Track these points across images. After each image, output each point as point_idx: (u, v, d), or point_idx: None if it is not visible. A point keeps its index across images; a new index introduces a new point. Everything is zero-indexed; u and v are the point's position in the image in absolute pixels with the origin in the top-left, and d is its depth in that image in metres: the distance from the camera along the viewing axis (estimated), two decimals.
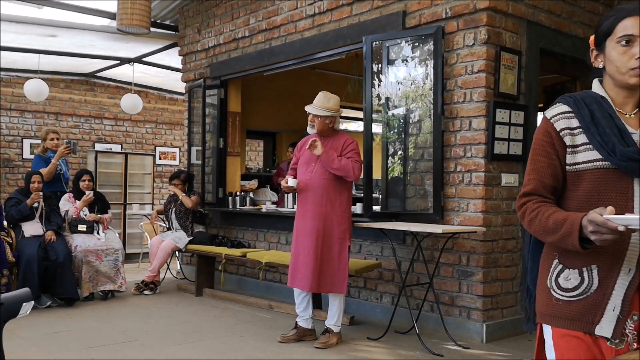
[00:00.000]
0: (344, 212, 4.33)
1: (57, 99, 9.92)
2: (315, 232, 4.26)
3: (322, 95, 4.40)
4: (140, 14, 6.22)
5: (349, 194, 4.40)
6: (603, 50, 1.67)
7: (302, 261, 4.31)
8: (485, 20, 4.43)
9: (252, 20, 6.43)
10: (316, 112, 4.35)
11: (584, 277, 1.64)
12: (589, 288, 1.63)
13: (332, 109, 4.36)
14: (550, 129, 1.67)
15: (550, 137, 1.67)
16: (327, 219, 4.28)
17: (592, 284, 1.63)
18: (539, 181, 1.68)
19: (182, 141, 10.22)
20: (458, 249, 4.60)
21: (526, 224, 1.68)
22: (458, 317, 4.60)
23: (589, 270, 1.63)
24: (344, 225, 4.32)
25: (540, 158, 1.68)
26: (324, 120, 4.36)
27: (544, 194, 1.68)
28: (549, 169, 1.67)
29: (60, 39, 7.55)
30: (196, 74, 7.28)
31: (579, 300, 1.64)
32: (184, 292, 6.50)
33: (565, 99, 1.70)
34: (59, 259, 5.52)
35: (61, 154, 6.20)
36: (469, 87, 4.55)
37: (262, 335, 4.63)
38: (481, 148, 4.49)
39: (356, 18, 5.33)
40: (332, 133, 4.45)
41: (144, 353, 4.14)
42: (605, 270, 1.61)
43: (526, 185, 1.70)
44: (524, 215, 1.67)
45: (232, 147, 7.05)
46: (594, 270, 1.63)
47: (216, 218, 6.96)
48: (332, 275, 4.27)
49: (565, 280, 1.67)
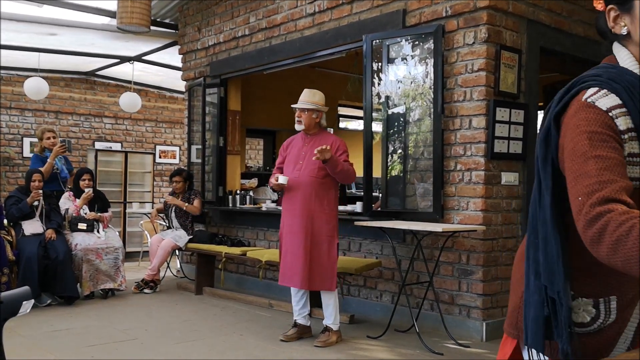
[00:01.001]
0: (331, 209, 4.35)
1: (57, 97, 9.92)
2: (305, 229, 4.29)
3: (307, 91, 4.47)
4: (140, 13, 6.22)
5: (335, 192, 4.42)
6: (629, 10, 1.31)
7: (290, 259, 4.34)
8: (486, 19, 4.43)
9: (252, 18, 6.42)
10: (302, 106, 4.41)
11: (600, 310, 1.36)
12: (605, 322, 1.36)
13: (318, 103, 4.42)
14: (611, 124, 1.25)
15: (613, 131, 1.25)
16: (315, 217, 4.31)
17: (609, 317, 1.36)
18: (619, 182, 1.18)
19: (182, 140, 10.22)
20: (458, 247, 4.60)
21: (608, 245, 1.13)
22: (458, 316, 4.60)
23: (607, 301, 1.35)
24: (332, 223, 4.33)
25: (609, 154, 1.21)
26: (310, 115, 4.41)
27: (628, 202, 1.17)
28: (623, 167, 1.22)
29: (61, 38, 7.55)
30: (196, 72, 7.28)
31: (589, 335, 1.37)
32: (184, 290, 6.50)
33: (608, 84, 1.29)
34: (59, 258, 5.52)
35: (56, 153, 6.20)
36: (469, 85, 4.55)
37: (262, 333, 4.63)
38: (481, 147, 4.49)
39: (356, 17, 5.33)
40: (319, 131, 4.49)
41: (144, 351, 4.14)
42: (627, 300, 1.36)
43: (599, 190, 1.18)
44: (604, 230, 1.14)
45: (232, 146, 7.05)
46: (612, 301, 1.35)
47: (216, 217, 6.96)
48: (321, 273, 4.30)
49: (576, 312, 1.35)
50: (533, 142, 4.98)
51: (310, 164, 4.32)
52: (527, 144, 4.76)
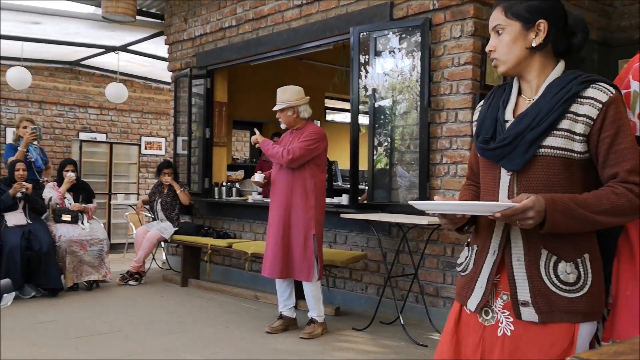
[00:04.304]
0: (309, 201, 4.35)
1: (41, 87, 9.80)
2: (282, 221, 4.35)
3: (279, 91, 4.51)
4: (125, 2, 6.15)
5: (315, 182, 4.39)
6: None
7: (270, 249, 4.40)
8: (472, 13, 4.44)
9: (239, 9, 6.38)
10: (275, 108, 4.50)
11: (468, 255, 1.76)
12: (467, 266, 1.74)
13: (289, 100, 4.44)
14: None
15: None
16: (293, 209, 4.35)
17: (470, 261, 1.74)
18: None
19: (168, 131, 10.16)
20: (443, 240, 4.63)
21: None
22: (442, 308, 4.63)
23: (471, 249, 1.75)
24: (309, 214, 4.34)
25: None
26: (286, 113, 4.46)
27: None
28: None
29: (45, 26, 7.45)
30: (182, 63, 7.23)
31: (462, 276, 1.77)
32: (169, 282, 6.48)
33: None
34: (43, 249, 5.47)
35: (27, 141, 6.13)
36: (455, 79, 4.56)
37: (247, 325, 4.64)
38: (467, 140, 4.51)
39: (344, 9, 5.31)
40: (305, 124, 4.49)
41: (128, 343, 4.13)
42: (480, 250, 1.70)
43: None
44: None
45: (218, 138, 7.02)
46: (474, 249, 1.73)
47: (202, 209, 6.94)
48: (299, 263, 4.32)
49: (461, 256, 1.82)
50: None
51: None
52: None
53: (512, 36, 1.62)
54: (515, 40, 1.62)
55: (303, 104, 4.46)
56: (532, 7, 1.60)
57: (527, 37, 1.61)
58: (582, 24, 1.65)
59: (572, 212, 1.48)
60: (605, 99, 1.52)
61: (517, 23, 1.61)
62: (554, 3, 1.62)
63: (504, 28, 1.64)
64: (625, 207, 1.50)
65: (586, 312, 1.55)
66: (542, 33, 1.59)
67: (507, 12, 1.63)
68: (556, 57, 1.65)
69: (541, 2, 1.60)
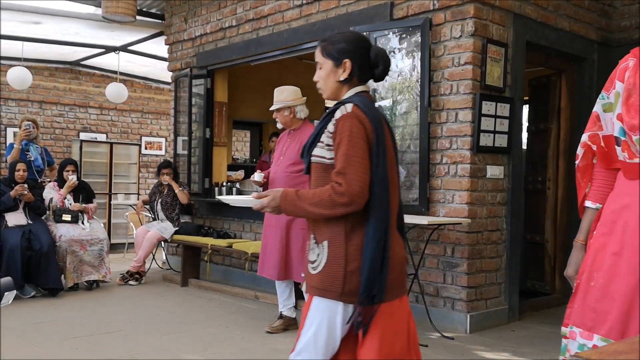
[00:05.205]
0: None
1: (41, 87, 9.81)
2: (280, 223, 4.35)
3: (276, 91, 4.51)
4: (126, 2, 6.15)
5: None
6: None
7: (269, 251, 4.40)
8: (473, 13, 4.44)
9: (240, 9, 6.38)
10: (271, 108, 4.49)
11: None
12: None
13: (285, 100, 4.44)
14: None
15: None
16: None
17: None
18: None
19: (168, 131, 10.17)
20: (443, 240, 4.63)
21: None
22: (442, 308, 4.63)
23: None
24: None
25: None
26: (282, 113, 4.45)
27: None
28: None
29: (45, 26, 7.46)
30: (182, 63, 7.23)
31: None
32: (169, 282, 6.48)
33: None
34: (43, 249, 5.47)
35: (20, 138, 6.15)
36: (455, 79, 4.56)
37: (247, 325, 4.64)
38: (467, 140, 4.51)
39: (344, 9, 5.31)
40: (302, 125, 4.49)
41: (128, 343, 4.13)
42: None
43: None
44: None
45: (218, 138, 7.01)
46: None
47: (202, 208, 6.94)
48: (298, 264, 4.33)
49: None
50: (518, 136, 5.01)
51: (287, 159, 4.39)
52: (513, 137, 4.79)
53: (326, 72, 2.03)
54: (329, 75, 2.03)
55: (300, 104, 4.46)
56: (339, 49, 2.00)
57: (337, 72, 2.01)
58: (383, 57, 2.02)
59: (295, 202, 1.92)
60: (339, 116, 1.92)
61: (330, 61, 2.01)
62: (357, 44, 2.01)
63: (322, 65, 2.04)
64: (326, 201, 1.87)
65: (320, 288, 1.92)
66: (348, 70, 1.99)
67: (323, 52, 2.03)
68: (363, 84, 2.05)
69: (347, 45, 2.00)
